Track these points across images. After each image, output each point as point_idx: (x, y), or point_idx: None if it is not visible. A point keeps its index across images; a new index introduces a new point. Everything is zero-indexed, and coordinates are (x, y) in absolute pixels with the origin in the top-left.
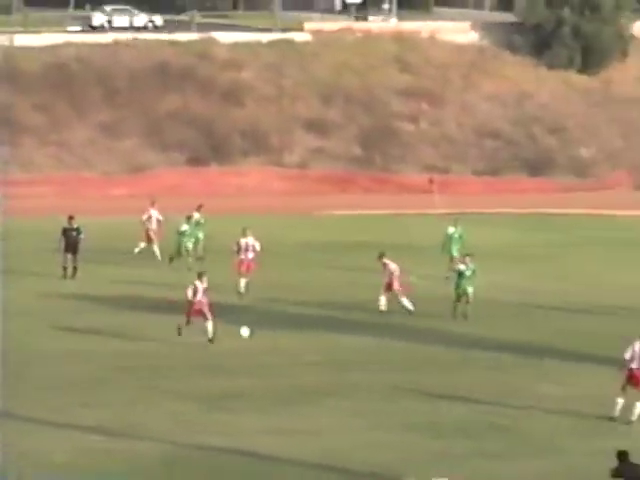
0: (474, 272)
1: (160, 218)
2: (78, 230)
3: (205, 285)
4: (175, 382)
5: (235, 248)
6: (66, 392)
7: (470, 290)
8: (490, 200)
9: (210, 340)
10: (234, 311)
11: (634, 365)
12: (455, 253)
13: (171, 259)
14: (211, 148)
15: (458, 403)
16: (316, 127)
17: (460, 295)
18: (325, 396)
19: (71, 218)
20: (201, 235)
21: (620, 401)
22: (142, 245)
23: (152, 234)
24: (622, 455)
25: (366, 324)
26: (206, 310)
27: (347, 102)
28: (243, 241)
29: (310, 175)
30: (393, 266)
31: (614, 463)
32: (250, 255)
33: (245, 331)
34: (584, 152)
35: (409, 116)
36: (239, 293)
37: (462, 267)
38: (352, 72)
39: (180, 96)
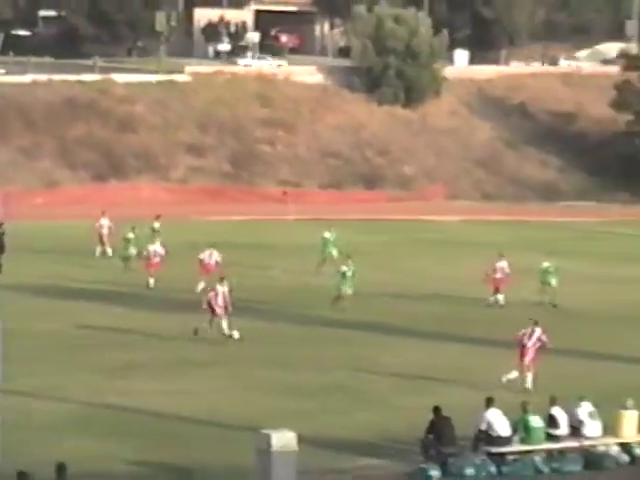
0: (354, 273)
1: (110, 225)
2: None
3: (226, 288)
4: (88, 356)
5: (145, 253)
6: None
7: (350, 292)
8: (334, 209)
9: (228, 335)
10: (145, 300)
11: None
12: (335, 254)
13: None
14: (111, 167)
15: (307, 368)
16: (194, 150)
17: (340, 295)
18: (208, 365)
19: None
20: (157, 241)
21: (515, 373)
22: (99, 249)
23: (104, 238)
24: (436, 410)
25: (243, 309)
26: (220, 310)
27: (219, 130)
28: (152, 248)
29: (190, 188)
30: None
31: (431, 416)
32: (157, 259)
33: (236, 334)
34: (407, 170)
35: (268, 141)
36: (149, 288)
37: (344, 268)
38: (223, 106)
39: (85, 125)
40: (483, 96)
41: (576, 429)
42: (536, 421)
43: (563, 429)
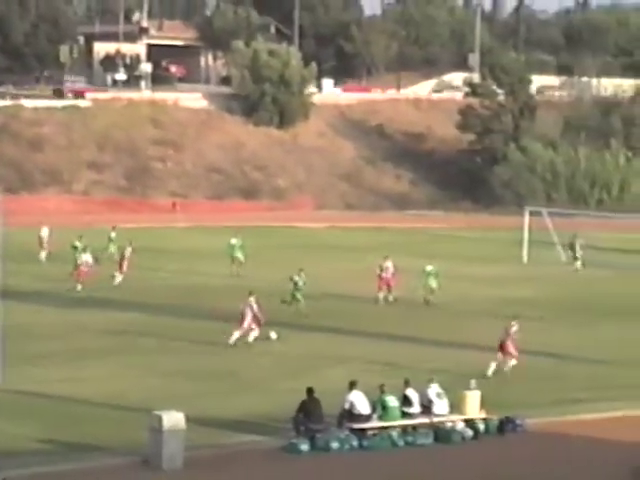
0: (305, 283)
1: (47, 233)
2: None
3: (254, 302)
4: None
5: (79, 262)
6: None
7: (302, 302)
8: (217, 217)
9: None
10: (74, 301)
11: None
12: (241, 257)
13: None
14: (22, 181)
15: (201, 356)
16: (95, 166)
17: (291, 300)
18: (108, 354)
19: None
20: (113, 248)
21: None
22: (43, 254)
23: (44, 245)
24: (309, 391)
25: (140, 304)
26: (249, 322)
27: (116, 149)
28: (84, 256)
29: (92, 200)
30: None
31: (304, 397)
32: (87, 268)
33: (274, 334)
34: (281, 183)
35: (159, 158)
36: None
37: (297, 278)
38: (120, 128)
39: None
40: (346, 119)
41: (427, 407)
42: (392, 401)
43: (416, 407)
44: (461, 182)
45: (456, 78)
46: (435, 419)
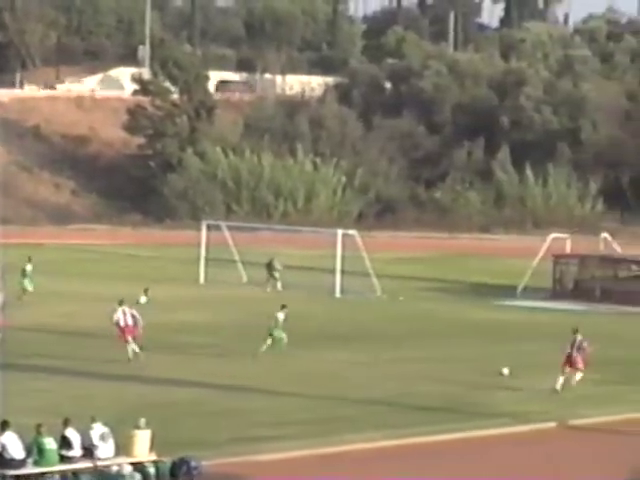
0: (148, 301)
1: None
2: None
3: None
4: None
5: None
6: None
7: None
8: None
9: None
10: None
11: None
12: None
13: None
14: None
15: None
16: None
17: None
18: None
19: None
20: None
21: (561, 379)
22: None
23: None
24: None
25: None
26: None
27: None
28: None
29: None
30: None
31: None
32: None
33: (506, 370)
34: None
35: None
36: None
37: (281, 315)
38: None
39: None
40: None
41: (89, 450)
42: (50, 443)
43: (76, 450)
44: (130, 192)
45: (124, 73)
46: (99, 463)
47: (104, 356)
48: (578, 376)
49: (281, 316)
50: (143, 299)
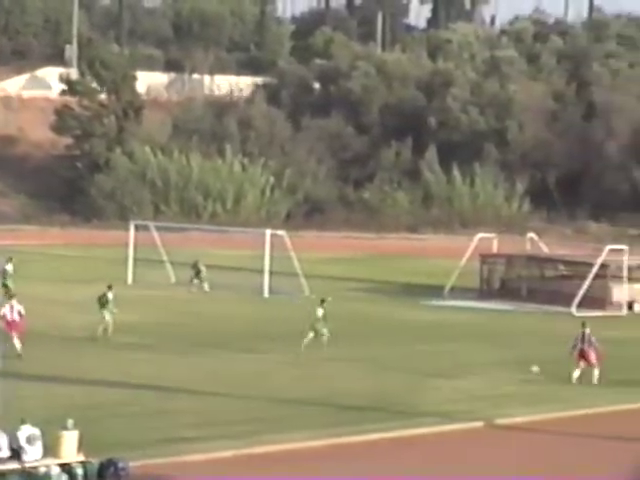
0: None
1: None
2: None
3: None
4: None
5: None
6: None
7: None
8: None
9: None
10: None
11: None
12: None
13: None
14: None
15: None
16: None
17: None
18: None
19: None
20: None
21: (577, 372)
22: None
23: None
24: None
25: None
26: None
27: None
28: None
29: None
30: None
31: None
32: None
33: (536, 368)
34: None
35: None
36: None
37: (321, 311)
38: None
39: None
40: None
41: (17, 451)
42: None
43: (4, 452)
44: (58, 192)
45: (51, 73)
46: (27, 464)
47: (32, 355)
48: (596, 373)
49: (320, 311)
50: (111, 295)
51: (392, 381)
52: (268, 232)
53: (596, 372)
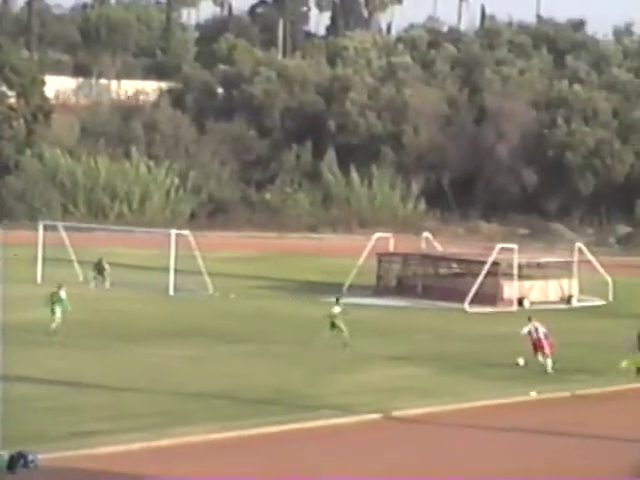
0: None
1: None
2: None
3: None
4: None
5: None
6: None
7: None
8: None
9: None
10: None
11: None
12: None
13: None
14: None
15: None
16: None
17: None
18: None
19: None
20: None
21: (548, 360)
22: None
23: None
24: None
25: None
26: None
27: None
28: None
29: None
30: None
31: None
32: None
33: (521, 361)
34: None
35: None
36: None
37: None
38: None
39: None
40: None
41: None
42: None
43: None
44: None
45: None
46: None
47: None
48: (549, 362)
49: (337, 309)
50: (63, 294)
51: (293, 375)
52: (173, 232)
53: (549, 362)
